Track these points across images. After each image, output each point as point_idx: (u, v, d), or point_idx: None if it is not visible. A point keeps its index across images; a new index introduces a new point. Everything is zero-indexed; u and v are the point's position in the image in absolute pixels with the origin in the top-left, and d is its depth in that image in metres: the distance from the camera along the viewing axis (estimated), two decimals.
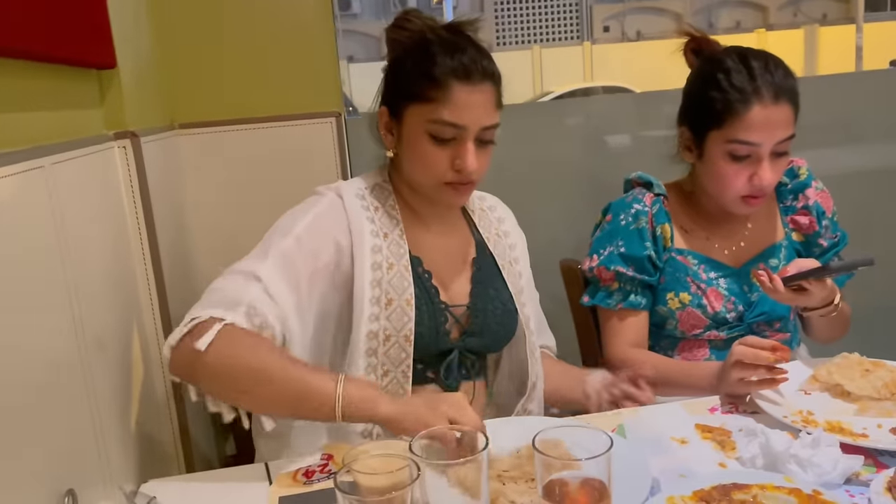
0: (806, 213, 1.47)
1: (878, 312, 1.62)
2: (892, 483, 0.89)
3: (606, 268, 1.43)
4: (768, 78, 1.30)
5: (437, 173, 1.17)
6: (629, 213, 1.44)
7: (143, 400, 1.28)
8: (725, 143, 1.32)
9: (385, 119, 1.22)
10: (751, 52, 1.35)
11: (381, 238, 1.20)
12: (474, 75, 1.14)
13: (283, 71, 1.69)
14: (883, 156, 2.29)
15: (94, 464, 1.03)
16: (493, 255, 1.32)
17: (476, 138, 1.16)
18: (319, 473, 1.05)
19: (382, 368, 1.18)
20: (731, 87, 1.30)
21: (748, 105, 1.29)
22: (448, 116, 1.13)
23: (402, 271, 1.20)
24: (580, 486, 0.79)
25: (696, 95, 1.38)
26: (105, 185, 1.24)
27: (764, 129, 1.29)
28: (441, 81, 1.13)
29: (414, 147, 1.18)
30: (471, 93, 1.14)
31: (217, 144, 1.68)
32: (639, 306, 1.42)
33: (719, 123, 1.32)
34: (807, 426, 1.06)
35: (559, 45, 24.34)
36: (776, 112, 1.29)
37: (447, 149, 1.15)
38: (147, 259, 1.33)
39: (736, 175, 1.32)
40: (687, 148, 1.41)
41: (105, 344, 1.12)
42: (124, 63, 1.32)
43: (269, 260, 1.13)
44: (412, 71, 1.17)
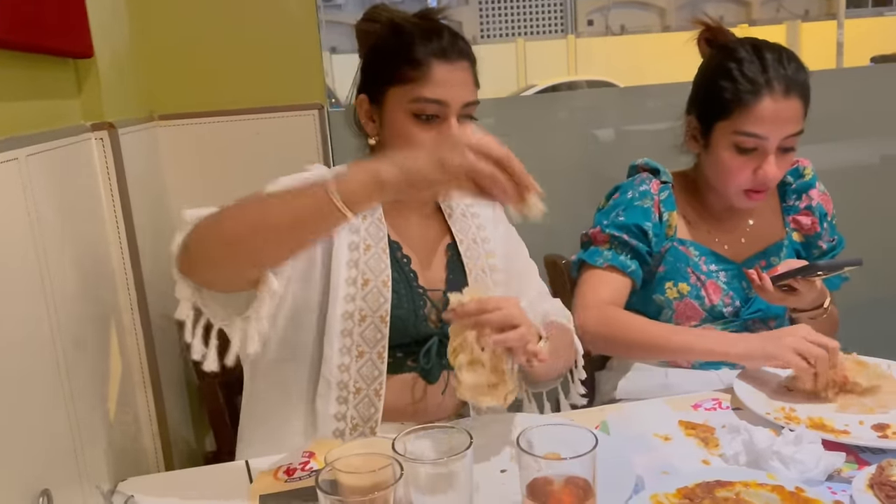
0: (808, 213, 1.46)
1: (854, 309, 1.63)
2: (873, 480, 0.89)
3: (602, 230, 1.41)
4: (781, 71, 1.28)
5: None
6: (637, 190, 1.43)
7: (122, 397, 1.26)
8: (732, 134, 1.30)
9: (365, 107, 1.22)
10: (765, 44, 1.33)
11: (360, 219, 1.19)
12: (452, 54, 1.16)
13: (266, 62, 1.67)
14: (863, 153, 2.30)
15: (70, 463, 1.01)
16: (452, 229, 1.29)
17: (458, 115, 1.16)
18: (301, 471, 1.04)
19: (357, 350, 1.16)
20: (742, 78, 1.29)
21: (758, 97, 1.27)
22: (430, 93, 1.14)
23: (380, 253, 1.19)
24: (564, 485, 0.79)
25: (707, 84, 1.36)
26: (82, 178, 1.21)
27: (772, 122, 1.27)
28: (421, 61, 1.14)
29: (397, 129, 1.17)
30: (450, 70, 1.15)
31: (198, 136, 1.66)
32: (626, 269, 1.39)
33: (727, 114, 1.30)
34: (789, 423, 1.06)
35: (543, 38, 24.35)
36: (786, 106, 1.28)
37: (431, 129, 1.15)
38: (125, 254, 1.31)
39: (741, 168, 1.31)
40: (693, 137, 1.40)
41: (82, 341, 1.10)
42: (102, 53, 1.29)
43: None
44: (390, 55, 1.17)
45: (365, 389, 1.17)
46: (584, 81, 14.37)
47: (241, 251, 0.98)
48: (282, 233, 0.96)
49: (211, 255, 1.00)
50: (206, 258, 1.00)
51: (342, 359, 1.16)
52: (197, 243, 1.00)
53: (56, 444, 0.99)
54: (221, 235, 0.98)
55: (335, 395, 1.16)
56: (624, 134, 2.20)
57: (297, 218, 0.93)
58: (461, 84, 1.16)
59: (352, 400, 1.17)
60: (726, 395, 1.21)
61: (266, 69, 1.67)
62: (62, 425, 1.01)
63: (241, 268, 1.01)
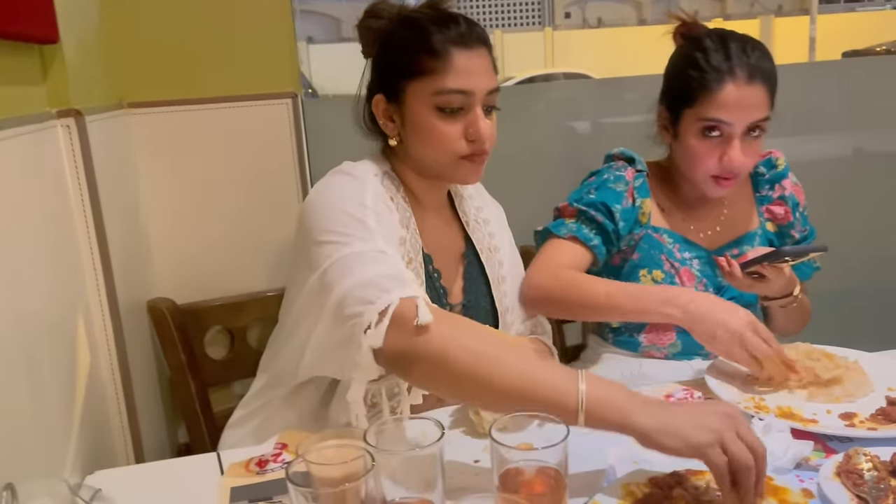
0: (782, 203, 1.49)
1: (826, 300, 1.66)
2: (840, 468, 0.91)
3: (570, 205, 1.42)
4: (744, 58, 1.30)
5: (451, 148, 1.13)
6: (612, 174, 1.44)
7: (90, 388, 1.24)
8: (698, 121, 1.33)
9: (383, 106, 1.17)
10: (731, 34, 1.36)
11: (405, 229, 1.17)
12: (470, 40, 1.12)
13: (239, 50, 1.64)
14: (834, 146, 2.33)
15: (35, 456, 0.99)
16: (473, 241, 1.29)
17: (483, 104, 1.13)
18: (273, 463, 1.03)
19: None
20: (707, 66, 1.32)
21: (721, 83, 1.30)
22: (454, 84, 1.10)
23: (418, 268, 1.17)
24: (536, 475, 0.79)
25: (674, 74, 1.40)
26: (48, 166, 1.18)
27: (736, 108, 1.30)
28: (440, 51, 1.10)
29: (422, 125, 1.13)
30: (471, 58, 1.12)
31: (168, 125, 1.63)
32: (588, 241, 1.38)
33: (693, 101, 1.33)
34: (759, 412, 1.07)
35: (520, 30, 24.34)
36: (749, 92, 1.30)
37: (457, 121, 1.12)
38: (93, 244, 1.28)
39: (707, 154, 1.33)
40: (664, 127, 1.43)
41: (47, 331, 1.08)
42: (68, 38, 1.26)
43: (377, 236, 1.03)
44: (406, 48, 1.13)
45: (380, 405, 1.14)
46: (561, 74, 14.41)
47: (451, 395, 1.00)
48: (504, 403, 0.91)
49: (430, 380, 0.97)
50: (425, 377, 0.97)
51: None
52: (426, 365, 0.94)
53: (20, 437, 0.97)
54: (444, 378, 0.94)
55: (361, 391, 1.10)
56: (600, 126, 2.21)
57: (525, 403, 0.87)
58: (482, 71, 1.13)
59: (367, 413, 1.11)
60: (698, 385, 1.21)
61: (239, 57, 1.65)
62: (27, 418, 0.99)
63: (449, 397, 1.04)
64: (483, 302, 1.27)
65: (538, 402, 0.87)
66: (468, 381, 0.92)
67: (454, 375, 0.92)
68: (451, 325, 0.95)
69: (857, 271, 2.23)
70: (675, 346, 1.42)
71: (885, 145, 2.36)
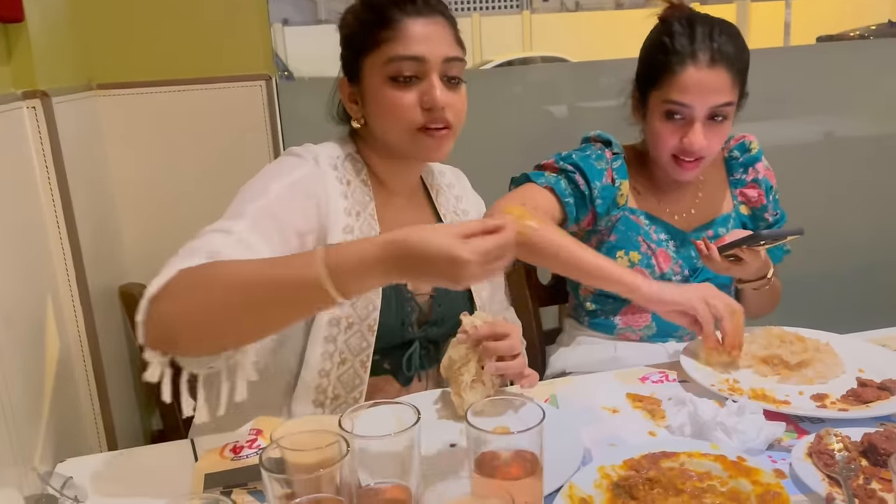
0: (755, 186, 1.50)
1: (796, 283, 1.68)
2: (812, 449, 0.92)
3: (556, 162, 1.42)
4: (707, 42, 1.30)
5: (407, 118, 1.09)
6: (593, 152, 1.44)
7: (60, 375, 1.22)
8: (662, 103, 1.34)
9: (347, 90, 1.16)
10: (701, 17, 1.36)
11: (354, 217, 1.13)
12: (424, 9, 1.10)
13: (210, 30, 1.61)
14: (808, 130, 2.35)
15: (3, 445, 0.98)
16: None
17: (441, 74, 1.09)
18: (248, 449, 1.02)
19: (340, 356, 1.12)
20: (671, 49, 1.32)
21: (683, 66, 1.30)
22: (404, 50, 1.07)
23: None
24: (512, 458, 0.79)
25: (644, 57, 1.41)
26: (12, 149, 1.16)
27: (696, 91, 1.30)
28: (391, 20, 1.08)
29: (377, 98, 1.10)
30: (424, 25, 1.09)
31: (139, 106, 1.60)
32: (563, 197, 1.37)
33: (657, 84, 1.34)
34: (733, 394, 1.08)
35: (498, 13, 24.22)
36: (710, 76, 1.30)
37: (412, 89, 1.09)
38: (62, 229, 1.26)
39: (669, 135, 1.34)
40: (636, 108, 1.44)
41: (13, 319, 1.05)
42: (33, 16, 1.23)
43: (247, 218, 1.01)
44: (360, 26, 1.12)
45: (343, 396, 1.14)
46: (539, 57, 14.37)
47: (219, 341, 0.91)
48: (269, 321, 0.90)
49: (186, 341, 0.92)
50: (182, 344, 0.92)
51: (323, 364, 1.12)
52: (169, 330, 0.90)
53: None
54: (196, 329, 0.90)
55: (311, 398, 1.13)
56: (577, 109, 2.21)
57: (283, 306, 0.86)
58: (438, 38, 1.09)
59: (328, 405, 1.14)
60: (673, 368, 1.22)
61: (212, 38, 1.62)
62: None
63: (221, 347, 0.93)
64: (455, 294, 1.23)
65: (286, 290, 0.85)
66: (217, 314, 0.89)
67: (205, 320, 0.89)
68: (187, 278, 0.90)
69: (828, 255, 2.26)
70: (650, 327, 1.43)
71: (856, 130, 2.38)
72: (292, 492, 0.72)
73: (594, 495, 0.85)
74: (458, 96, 1.13)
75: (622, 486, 0.86)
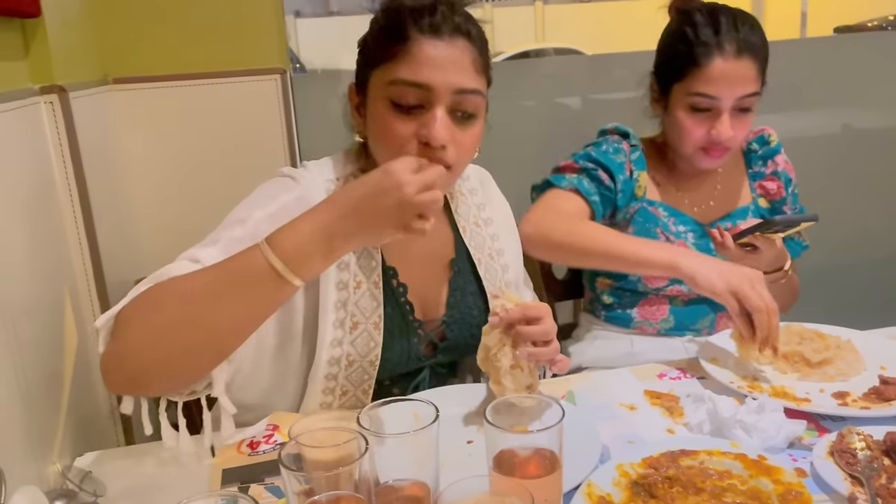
0: (774, 178, 1.49)
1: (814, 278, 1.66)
2: (834, 447, 0.91)
3: (575, 161, 1.41)
4: (733, 32, 1.30)
5: (398, 150, 0.96)
6: (610, 146, 1.43)
7: (78, 369, 1.22)
8: (687, 95, 1.33)
9: (354, 100, 1.05)
10: (722, 7, 1.35)
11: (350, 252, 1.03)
12: (444, 28, 0.96)
13: (225, 24, 1.61)
14: (825, 122, 2.32)
15: (22, 439, 0.98)
16: (469, 248, 1.17)
17: (451, 107, 0.96)
18: (265, 444, 1.02)
19: (341, 389, 1.09)
20: (695, 40, 1.31)
21: (709, 58, 1.29)
22: (409, 75, 0.94)
23: (372, 289, 1.06)
24: (531, 457, 0.79)
25: (665, 48, 1.40)
26: (31, 143, 1.16)
27: (724, 82, 1.29)
28: (402, 35, 0.95)
29: (376, 119, 0.99)
30: (436, 47, 0.95)
31: (155, 101, 1.60)
32: (589, 195, 1.37)
33: (682, 75, 1.33)
34: (752, 391, 1.07)
35: (510, 4, 24.10)
36: (737, 67, 1.29)
37: (412, 120, 0.96)
38: (79, 222, 1.26)
39: (696, 127, 1.33)
40: (655, 100, 1.43)
41: (32, 312, 1.06)
42: (50, 12, 1.23)
43: (218, 246, 0.95)
44: (377, 34, 1.01)
45: None
46: (552, 49, 14.28)
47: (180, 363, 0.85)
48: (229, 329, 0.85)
49: (150, 373, 0.86)
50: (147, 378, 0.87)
51: (325, 398, 1.09)
52: (131, 363, 0.85)
53: (7, 420, 0.96)
54: (154, 352, 0.84)
55: None
56: (591, 102, 2.19)
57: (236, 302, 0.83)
58: (452, 65, 0.95)
59: None
60: (691, 364, 1.21)
61: (226, 32, 1.61)
62: (13, 400, 0.98)
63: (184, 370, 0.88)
64: (469, 315, 1.16)
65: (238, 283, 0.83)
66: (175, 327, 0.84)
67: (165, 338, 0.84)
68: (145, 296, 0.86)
69: (846, 249, 2.23)
70: (667, 321, 1.42)
71: (875, 121, 2.35)
72: (310, 488, 0.72)
73: (613, 493, 0.85)
74: (467, 134, 0.99)
75: (641, 485, 0.86)
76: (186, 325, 0.84)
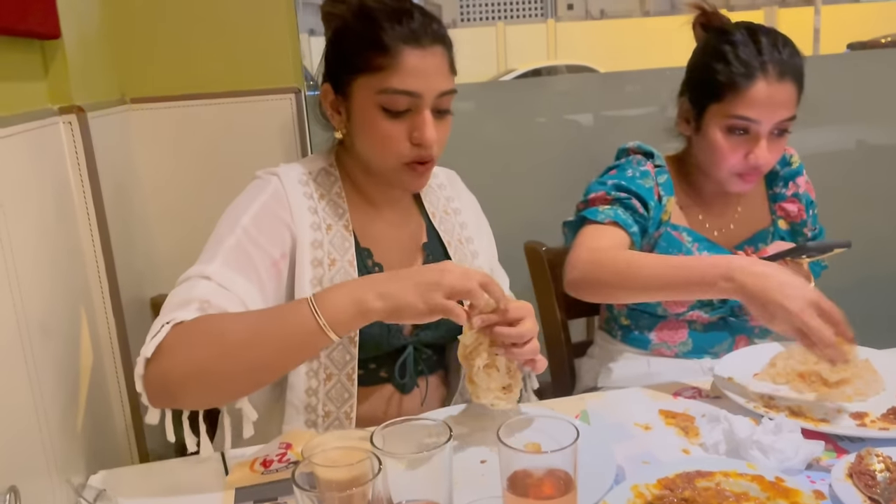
0: (795, 200, 1.46)
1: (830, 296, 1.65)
2: (853, 469, 0.89)
3: (606, 193, 1.35)
4: (776, 55, 1.26)
5: (395, 151, 1.08)
6: (636, 170, 1.38)
7: (93, 387, 1.23)
8: (725, 117, 1.29)
9: (330, 97, 1.13)
10: (760, 27, 1.31)
11: (324, 231, 1.11)
12: (424, 39, 1.05)
13: (241, 44, 1.63)
14: (839, 139, 2.31)
15: (38, 457, 0.99)
16: (440, 232, 1.24)
17: (433, 108, 1.07)
18: (277, 463, 1.02)
19: (325, 372, 1.11)
20: (736, 61, 1.27)
21: (752, 80, 1.25)
22: (399, 84, 1.04)
23: (347, 267, 1.12)
24: (545, 477, 0.78)
25: (700, 67, 1.34)
26: (49, 163, 1.17)
27: (765, 106, 1.26)
28: (389, 47, 1.04)
29: (367, 124, 1.08)
30: (422, 57, 1.05)
31: (171, 120, 1.62)
32: (629, 227, 1.32)
33: (720, 97, 1.29)
34: (769, 412, 1.06)
35: (523, 22, 24.26)
36: (779, 90, 1.26)
37: (403, 122, 1.07)
38: (96, 241, 1.28)
39: (732, 151, 1.30)
40: (685, 120, 1.39)
41: (49, 329, 1.07)
42: (69, 33, 1.25)
43: (219, 258, 1.04)
44: (356, 41, 1.07)
45: (335, 412, 1.13)
46: (564, 66, 14.34)
47: (220, 395, 0.99)
48: (266, 370, 0.97)
49: (187, 397, 0.98)
50: (182, 399, 0.98)
51: (309, 382, 1.11)
52: (170, 388, 0.95)
53: (23, 437, 0.96)
54: (197, 385, 0.96)
55: (303, 420, 1.12)
56: (603, 119, 2.19)
57: (284, 350, 0.95)
58: (435, 72, 1.07)
59: (321, 423, 1.12)
60: (706, 383, 1.20)
61: (241, 52, 1.63)
62: (30, 418, 0.98)
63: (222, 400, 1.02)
64: None
65: (292, 347, 0.94)
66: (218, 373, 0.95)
67: (206, 380, 0.95)
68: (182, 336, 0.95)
69: (862, 266, 2.21)
70: (685, 344, 1.40)
71: (890, 138, 2.34)
72: None
73: None
74: (445, 127, 1.11)
75: None
76: (232, 362, 0.95)
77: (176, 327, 0.95)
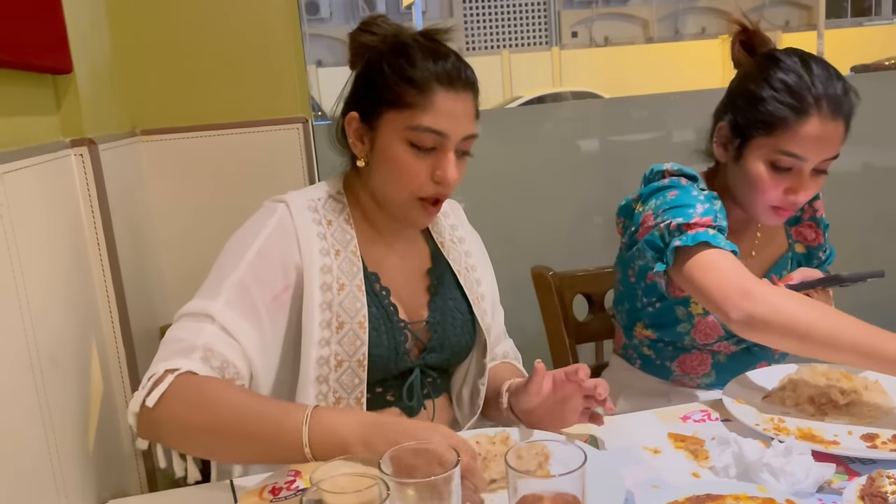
0: (812, 225, 1.43)
1: None
2: (864, 491, 0.89)
3: (714, 218, 1.21)
4: (831, 90, 1.19)
5: (413, 185, 1.10)
6: (700, 192, 1.26)
7: (103, 417, 1.24)
8: (771, 151, 1.22)
9: (355, 125, 1.14)
10: (813, 57, 1.24)
11: (333, 256, 1.12)
12: (457, 83, 1.09)
13: (248, 76, 1.66)
14: (844, 161, 2.30)
15: (48, 486, 0.99)
16: (448, 261, 1.25)
17: (456, 149, 1.10)
18: (286, 490, 1.02)
19: (334, 396, 1.11)
20: (788, 93, 1.20)
21: (805, 116, 1.19)
22: (430, 123, 1.07)
23: (355, 291, 1.13)
24: (553, 501, 0.78)
25: (747, 94, 1.26)
26: (61, 195, 1.19)
27: (816, 144, 1.20)
28: (424, 86, 1.07)
29: (390, 157, 1.10)
30: (454, 100, 1.08)
31: (180, 151, 1.64)
32: (737, 253, 1.19)
33: (769, 129, 1.22)
34: (779, 434, 1.05)
35: (528, 50, 24.49)
36: (832, 129, 1.20)
37: (426, 158, 1.09)
38: (106, 272, 1.29)
39: (773, 185, 1.23)
40: (723, 146, 1.31)
41: (60, 360, 1.08)
42: (81, 68, 1.28)
43: (222, 296, 1.05)
44: (390, 74, 1.09)
45: None
46: (569, 93, 14.45)
47: (209, 455, 1.05)
48: (245, 459, 1.06)
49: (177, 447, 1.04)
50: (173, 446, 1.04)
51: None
52: (169, 440, 1.01)
53: (33, 466, 0.97)
54: (187, 447, 1.01)
55: None
56: (609, 144, 2.21)
57: (263, 451, 0.98)
58: (463, 116, 1.09)
59: None
60: (715, 406, 1.20)
61: (250, 83, 1.66)
62: (41, 448, 0.99)
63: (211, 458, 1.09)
64: (451, 318, 1.22)
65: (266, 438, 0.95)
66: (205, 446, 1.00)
67: (196, 445, 1.00)
68: (181, 396, 0.97)
69: (870, 288, 2.20)
70: (708, 376, 1.38)
71: (894, 160, 2.34)
72: None
73: None
74: (462, 168, 1.14)
75: None
76: (217, 439, 0.97)
77: (179, 379, 0.97)
